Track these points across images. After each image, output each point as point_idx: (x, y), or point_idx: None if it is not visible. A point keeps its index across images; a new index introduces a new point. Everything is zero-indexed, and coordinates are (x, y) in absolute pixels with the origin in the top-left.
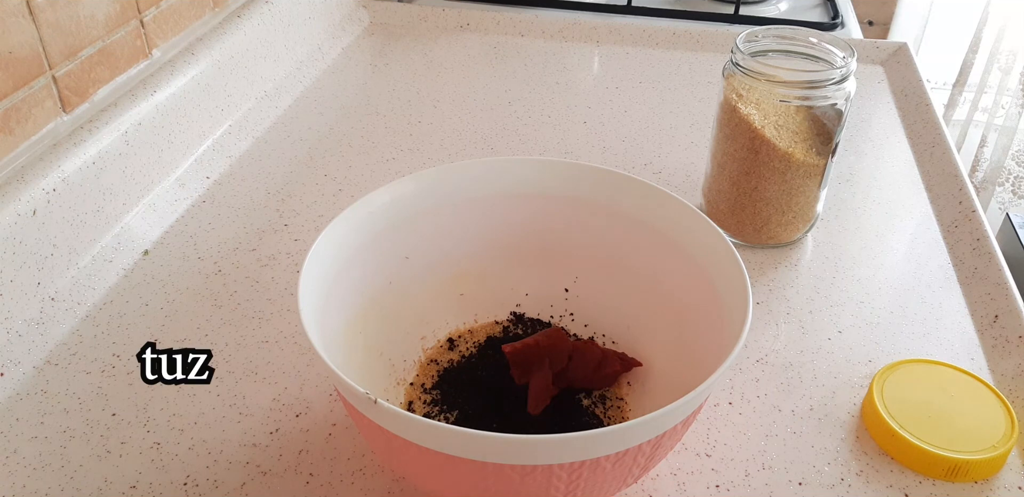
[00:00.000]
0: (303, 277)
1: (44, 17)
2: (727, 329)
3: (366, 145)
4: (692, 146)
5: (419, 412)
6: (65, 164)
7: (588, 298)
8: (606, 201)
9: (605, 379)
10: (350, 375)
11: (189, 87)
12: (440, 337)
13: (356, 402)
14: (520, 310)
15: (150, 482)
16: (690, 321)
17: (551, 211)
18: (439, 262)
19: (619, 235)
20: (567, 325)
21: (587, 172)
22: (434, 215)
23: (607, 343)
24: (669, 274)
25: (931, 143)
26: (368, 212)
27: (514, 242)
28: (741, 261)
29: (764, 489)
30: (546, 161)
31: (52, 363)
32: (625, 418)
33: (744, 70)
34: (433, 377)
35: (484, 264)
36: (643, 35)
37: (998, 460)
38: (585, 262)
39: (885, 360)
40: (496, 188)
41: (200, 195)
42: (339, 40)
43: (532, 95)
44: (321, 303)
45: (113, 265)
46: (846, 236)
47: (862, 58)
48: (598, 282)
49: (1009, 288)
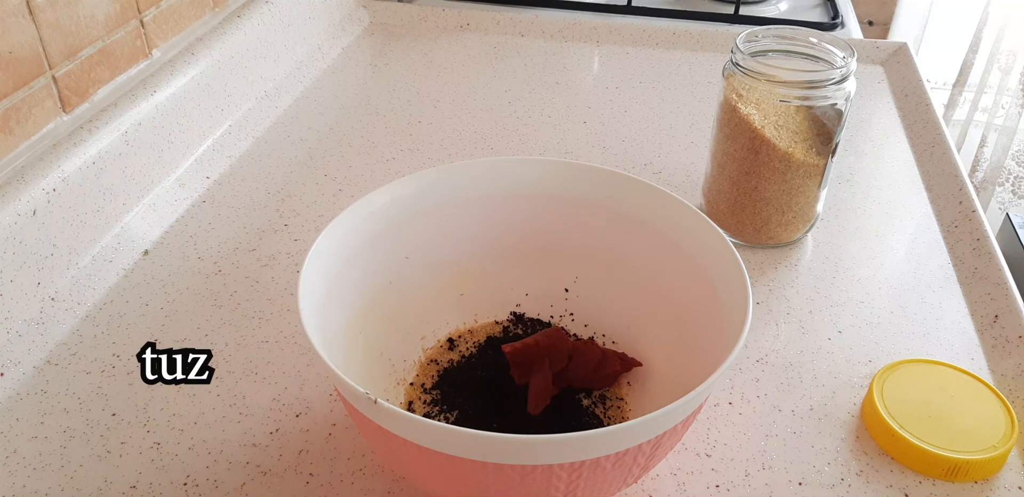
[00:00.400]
0: (303, 277)
1: (44, 17)
2: (727, 329)
3: (366, 145)
4: (692, 146)
5: (419, 412)
6: (65, 164)
7: (588, 298)
8: (606, 201)
9: (605, 379)
10: (350, 375)
11: (189, 87)
12: (440, 337)
13: (356, 402)
14: (520, 310)
15: (150, 482)
16: (690, 321)
17: (551, 211)
18: (439, 262)
19: (619, 235)
20: (567, 325)
21: (587, 172)
22: (434, 215)
23: (607, 343)
24: (669, 274)
25: (931, 143)
26: (368, 212)
27: (514, 242)
28: (741, 261)
29: (764, 489)
30: (546, 161)
31: (52, 363)
32: (625, 418)
33: (744, 70)
34: (433, 377)
35: (484, 264)
36: (643, 35)
37: (998, 460)
38: (585, 262)
39: (885, 360)
40: (496, 188)
41: (200, 195)
42: (339, 40)
43: (532, 95)
44: (321, 303)
45: (113, 265)
46: (846, 236)
47: (862, 58)
48: (598, 282)
49: (1009, 288)
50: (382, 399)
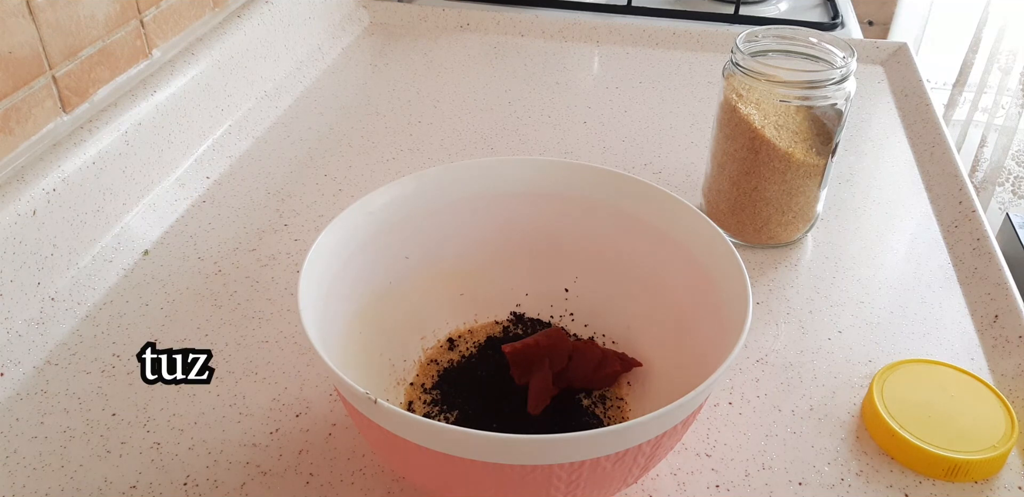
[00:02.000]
0: (303, 277)
1: (44, 17)
2: (727, 330)
3: (366, 145)
4: (692, 146)
5: (419, 412)
6: (65, 164)
7: (588, 298)
8: (606, 201)
9: (605, 379)
10: (350, 375)
11: (189, 87)
12: (440, 337)
13: (356, 402)
14: (520, 310)
15: (150, 482)
16: (690, 321)
17: (552, 211)
18: (439, 262)
19: (619, 235)
20: (567, 325)
21: (587, 172)
22: (434, 215)
23: (607, 343)
24: (670, 274)
25: (931, 143)
26: (368, 212)
27: (514, 242)
28: (741, 261)
29: (764, 489)
30: (546, 161)
31: (52, 363)
32: (625, 418)
33: (744, 70)
34: (433, 377)
35: (484, 264)
36: (643, 35)
37: (998, 460)
38: (585, 262)
39: (885, 360)
40: (496, 188)
41: (200, 195)
42: (339, 40)
43: (532, 95)
44: (321, 303)
45: (113, 265)
46: (846, 236)
47: (862, 58)
48: (598, 282)
49: (1009, 288)
50: (382, 399)
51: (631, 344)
